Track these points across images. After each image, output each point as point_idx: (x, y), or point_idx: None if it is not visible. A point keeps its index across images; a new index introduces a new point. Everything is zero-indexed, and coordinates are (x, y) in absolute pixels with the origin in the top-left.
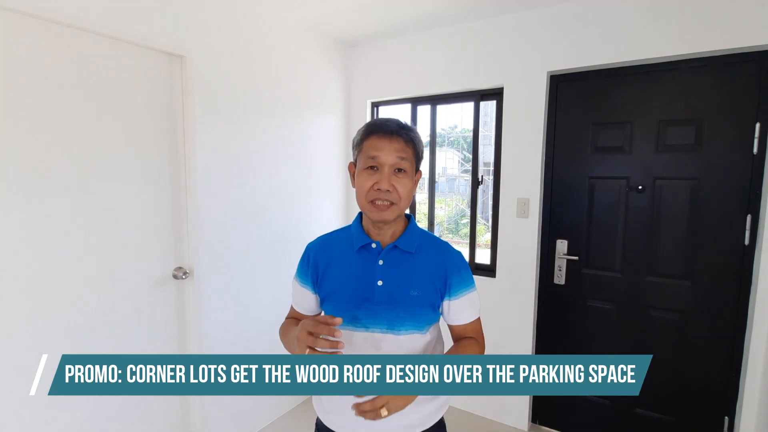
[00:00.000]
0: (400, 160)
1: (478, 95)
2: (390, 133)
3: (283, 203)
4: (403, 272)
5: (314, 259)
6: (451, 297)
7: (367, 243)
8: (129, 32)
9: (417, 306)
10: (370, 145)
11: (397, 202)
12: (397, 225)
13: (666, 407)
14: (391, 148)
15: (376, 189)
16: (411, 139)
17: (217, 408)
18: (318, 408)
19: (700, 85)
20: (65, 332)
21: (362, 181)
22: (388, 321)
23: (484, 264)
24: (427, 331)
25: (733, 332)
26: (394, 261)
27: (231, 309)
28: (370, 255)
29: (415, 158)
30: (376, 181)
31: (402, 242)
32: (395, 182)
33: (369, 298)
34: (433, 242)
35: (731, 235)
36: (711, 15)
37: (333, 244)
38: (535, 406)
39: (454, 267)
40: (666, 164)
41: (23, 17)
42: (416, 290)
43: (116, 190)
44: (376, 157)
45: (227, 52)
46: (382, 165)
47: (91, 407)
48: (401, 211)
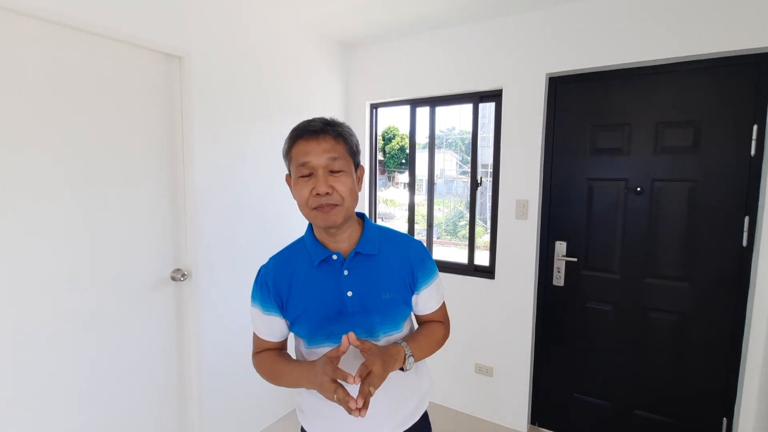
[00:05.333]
0: (331, 161)
1: (477, 97)
2: (316, 134)
3: (281, 205)
4: (370, 277)
5: (274, 283)
6: (419, 290)
7: (327, 256)
8: (128, 33)
9: (391, 308)
10: (298, 152)
11: (340, 203)
12: (352, 228)
13: (664, 409)
14: (320, 149)
15: (315, 195)
16: (340, 134)
17: (216, 410)
18: (301, 417)
19: (698, 88)
20: (63, 333)
21: (299, 190)
22: (365, 329)
23: (483, 266)
24: (402, 327)
25: (732, 334)
26: (360, 268)
27: (229, 311)
28: (332, 267)
29: (349, 154)
30: (313, 186)
31: (363, 246)
32: (333, 183)
33: (342, 311)
34: (392, 237)
35: (729, 237)
36: (708, 18)
37: (290, 262)
38: (534, 407)
39: (417, 259)
40: (664, 166)
41: (20, 17)
42: (388, 293)
43: (114, 192)
44: (307, 162)
45: (226, 54)
46: (315, 168)
47: (90, 410)
48: (348, 211)
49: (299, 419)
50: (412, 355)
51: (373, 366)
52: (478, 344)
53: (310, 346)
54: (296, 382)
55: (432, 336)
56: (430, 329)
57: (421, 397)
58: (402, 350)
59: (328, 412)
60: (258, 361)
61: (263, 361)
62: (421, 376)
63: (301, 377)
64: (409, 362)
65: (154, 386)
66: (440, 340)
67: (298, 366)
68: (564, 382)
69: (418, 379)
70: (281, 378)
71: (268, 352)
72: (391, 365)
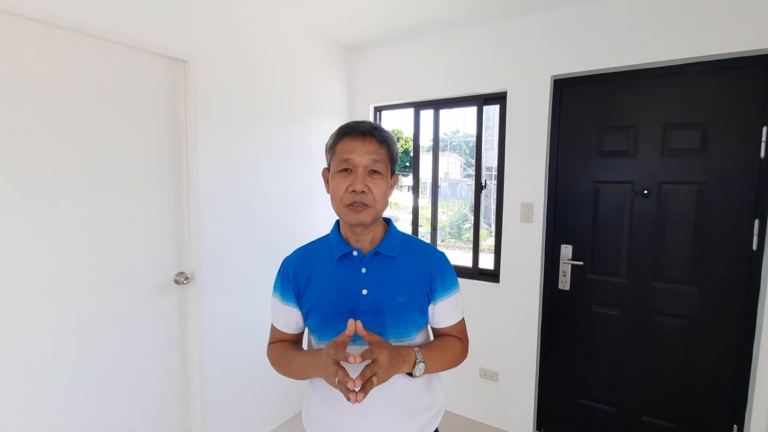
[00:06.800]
0: (373, 162)
1: (481, 99)
2: (363, 134)
3: (285, 208)
4: (387, 278)
5: (294, 274)
6: (437, 300)
7: (347, 251)
8: (132, 36)
9: (405, 312)
10: (343, 148)
11: (372, 205)
12: (376, 230)
13: (673, 415)
14: (365, 149)
15: (350, 191)
16: (384, 139)
17: (219, 414)
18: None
19: (706, 89)
20: (66, 336)
21: (336, 184)
22: (376, 331)
23: (488, 269)
24: (415, 337)
25: (741, 338)
26: (378, 267)
27: (232, 314)
28: (351, 263)
29: (389, 160)
30: (351, 182)
31: (383, 247)
32: (370, 183)
33: (354, 309)
34: (414, 244)
35: (738, 240)
36: (715, 18)
37: (312, 255)
38: (540, 412)
39: (438, 269)
40: (672, 168)
41: (24, 21)
42: (403, 296)
43: (117, 195)
44: (350, 158)
45: (230, 57)
46: (356, 166)
47: (93, 413)
48: (378, 213)
49: (304, 425)
50: (424, 362)
51: (380, 355)
52: (483, 349)
53: (319, 341)
54: (303, 370)
55: (448, 349)
56: (446, 341)
57: (432, 415)
58: (413, 354)
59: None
60: (271, 351)
61: (275, 350)
62: (433, 392)
63: (307, 365)
64: (419, 368)
65: (156, 389)
66: (457, 355)
67: (306, 354)
68: (570, 388)
69: (429, 394)
70: (290, 366)
71: (281, 343)
72: (398, 363)
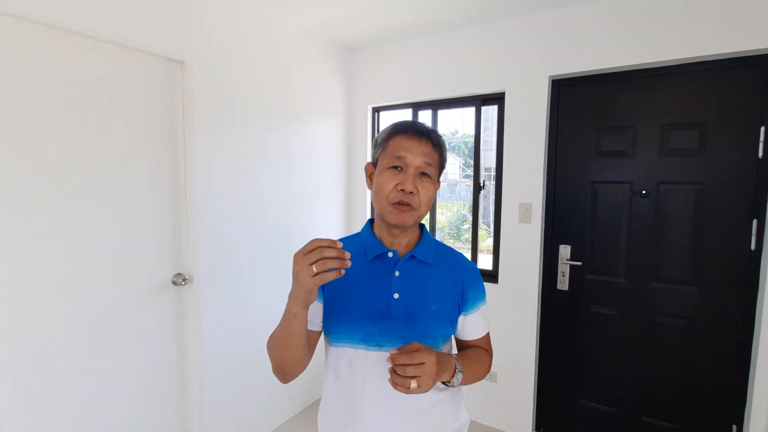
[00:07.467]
0: (426, 164)
1: (479, 100)
2: (420, 134)
3: (283, 209)
4: (420, 284)
5: None
6: (468, 311)
7: (382, 252)
8: (129, 37)
9: (435, 321)
10: (397, 144)
11: (417, 207)
12: (412, 233)
13: (672, 415)
14: (420, 150)
15: (399, 190)
16: (438, 144)
17: (217, 415)
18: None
19: (704, 89)
20: (64, 338)
21: (384, 181)
22: (404, 338)
23: (487, 269)
24: (442, 347)
25: (740, 338)
26: (411, 272)
27: (231, 315)
28: (385, 265)
29: (439, 165)
30: (400, 181)
31: (419, 252)
32: (419, 185)
33: (384, 313)
34: (448, 253)
35: (737, 240)
36: (714, 19)
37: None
38: (539, 413)
39: (471, 279)
40: (670, 169)
41: (21, 22)
42: (435, 304)
43: (115, 196)
44: (403, 157)
45: (228, 58)
46: (408, 166)
47: (91, 415)
48: (420, 217)
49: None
50: (462, 372)
51: (427, 359)
52: None
53: (337, 342)
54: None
55: (482, 361)
56: (478, 353)
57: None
58: (453, 362)
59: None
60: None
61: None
62: (457, 407)
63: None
64: (457, 377)
65: (154, 391)
66: (486, 369)
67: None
68: (569, 388)
69: (453, 409)
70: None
71: None
72: (442, 371)
